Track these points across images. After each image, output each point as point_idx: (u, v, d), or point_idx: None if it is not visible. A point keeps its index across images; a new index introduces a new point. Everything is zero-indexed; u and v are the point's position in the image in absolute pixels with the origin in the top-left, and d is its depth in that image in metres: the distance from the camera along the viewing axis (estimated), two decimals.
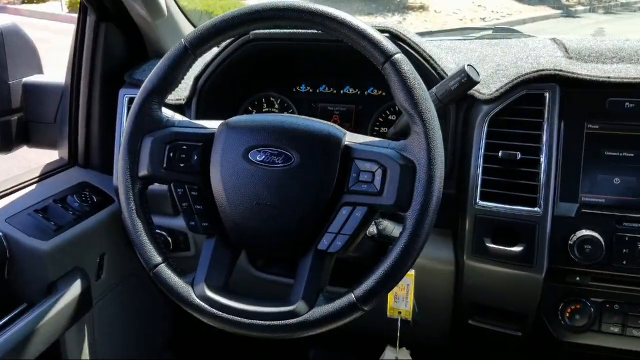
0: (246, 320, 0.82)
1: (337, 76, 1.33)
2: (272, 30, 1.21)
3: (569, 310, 1.04)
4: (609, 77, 1.02)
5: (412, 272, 1.07)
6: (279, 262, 1.28)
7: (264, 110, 1.37)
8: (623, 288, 1.03)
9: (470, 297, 1.14)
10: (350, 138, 0.85)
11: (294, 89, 1.36)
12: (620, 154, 1.01)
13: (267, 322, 0.81)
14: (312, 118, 0.88)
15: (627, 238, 0.98)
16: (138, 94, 0.88)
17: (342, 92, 1.34)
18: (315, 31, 0.85)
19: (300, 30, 1.19)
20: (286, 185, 0.82)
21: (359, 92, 1.33)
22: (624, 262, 0.98)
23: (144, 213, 0.88)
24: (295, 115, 1.12)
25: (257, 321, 0.82)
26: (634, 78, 1.01)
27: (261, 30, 1.20)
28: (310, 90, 1.36)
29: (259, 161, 0.84)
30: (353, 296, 0.79)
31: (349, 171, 0.82)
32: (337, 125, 0.86)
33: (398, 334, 1.11)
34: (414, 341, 1.19)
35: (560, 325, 1.06)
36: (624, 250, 0.98)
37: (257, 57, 1.26)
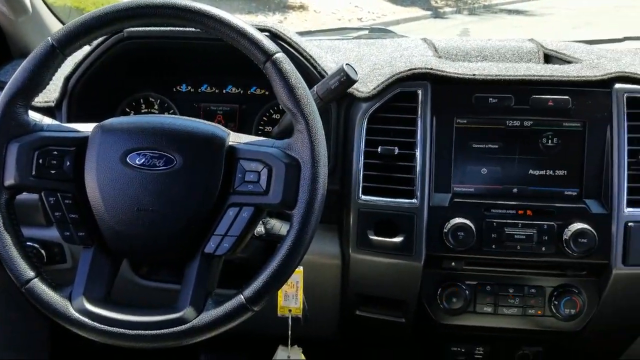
0: (131, 332, 0.79)
1: (220, 75, 1.31)
2: (148, 28, 1.16)
3: (446, 294, 1.11)
4: (474, 75, 1.10)
5: (300, 269, 1.09)
6: (164, 268, 1.24)
7: (142, 111, 1.32)
8: (493, 270, 1.11)
9: (357, 288, 1.18)
10: (235, 138, 0.84)
11: (174, 89, 1.32)
12: (486, 146, 1.10)
13: (154, 332, 0.79)
14: (194, 119, 0.86)
15: (495, 224, 1.07)
16: (0, 97, 0.81)
17: (224, 91, 1.32)
18: (195, 29, 0.83)
19: (178, 29, 1.16)
20: (169, 188, 0.80)
21: (242, 92, 1.32)
22: (493, 246, 1.07)
23: (12, 225, 0.82)
24: (176, 116, 1.09)
25: (143, 331, 0.79)
26: (497, 75, 1.09)
27: (136, 28, 1.15)
28: (192, 90, 1.33)
29: (139, 165, 0.81)
30: (242, 297, 0.79)
31: (234, 172, 0.81)
32: (220, 126, 0.85)
33: (289, 332, 1.12)
34: (306, 337, 1.21)
35: (440, 309, 1.13)
36: (492, 235, 1.06)
37: (133, 55, 1.21)
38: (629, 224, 1.03)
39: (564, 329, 1.13)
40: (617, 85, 1.07)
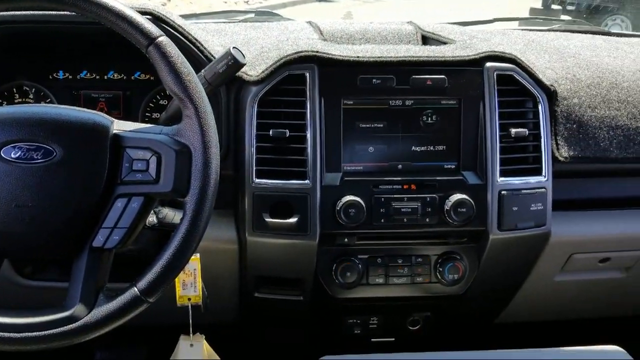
0: (17, 335, 0.75)
1: (100, 61, 1.25)
2: (15, 13, 1.08)
3: (341, 269, 1.15)
4: (358, 57, 1.13)
5: (197, 256, 1.08)
6: (51, 266, 1.18)
7: (16, 101, 1.23)
8: (383, 243, 1.17)
9: (255, 271, 1.19)
10: (119, 126, 0.81)
11: (50, 76, 1.24)
12: (372, 126, 1.14)
13: (43, 333, 0.75)
14: (74, 107, 0.82)
15: (383, 199, 1.12)
16: None
17: (106, 77, 1.27)
18: (69, 12, 0.79)
19: (50, 12, 1.09)
20: (49, 182, 0.76)
21: (125, 77, 1.27)
22: (382, 221, 1.12)
23: None
24: (54, 105, 1.03)
25: (31, 333, 0.75)
26: (379, 57, 1.14)
27: (4, 13, 1.07)
28: (70, 77, 1.25)
29: (14, 158, 0.76)
30: (136, 290, 0.77)
31: (120, 161, 0.79)
32: (103, 114, 0.82)
33: (190, 321, 1.11)
34: (208, 324, 1.20)
35: (335, 284, 1.17)
36: (381, 210, 1.12)
37: (2, 42, 1.12)
38: (502, 192, 1.13)
39: (449, 293, 1.22)
40: (488, 64, 1.15)
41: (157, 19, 1.12)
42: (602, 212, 1.25)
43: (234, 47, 1.00)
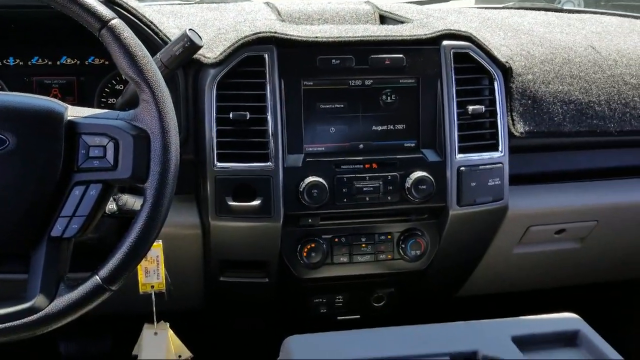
0: None
1: (52, 46, 1.22)
2: None
3: (305, 249, 1.16)
4: (317, 37, 1.13)
5: (159, 242, 1.07)
6: (9, 257, 1.15)
7: None
8: (347, 222, 1.18)
9: (219, 255, 1.19)
10: (74, 112, 0.79)
11: (0, 63, 1.20)
12: (333, 106, 1.14)
13: (3, 325, 0.74)
14: (26, 94, 0.80)
15: (345, 179, 1.13)
16: None
17: (59, 63, 1.23)
18: None
19: None
20: (2, 172, 0.74)
21: (78, 62, 1.24)
22: (345, 200, 1.13)
23: None
24: (5, 92, 1.00)
25: None
26: (338, 37, 1.14)
27: None
28: (21, 63, 1.21)
29: None
30: (98, 278, 0.76)
31: (76, 148, 0.77)
32: (56, 100, 0.80)
33: (154, 309, 1.11)
34: (173, 311, 1.20)
35: (300, 264, 1.18)
36: (343, 190, 1.12)
37: None
38: (461, 168, 1.15)
39: (412, 269, 1.24)
40: (445, 42, 1.16)
41: (109, 1, 1.08)
42: (557, 185, 1.29)
43: (190, 29, 0.98)
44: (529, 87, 1.20)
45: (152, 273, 1.08)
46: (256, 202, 1.10)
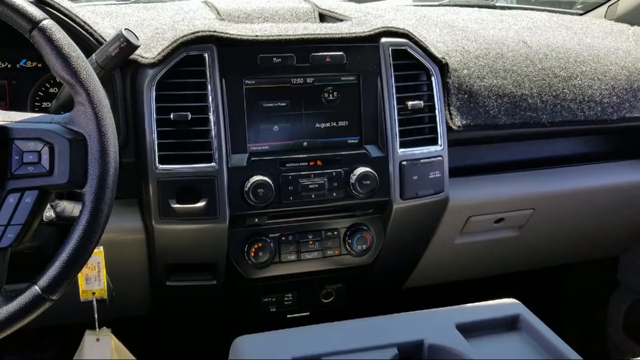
0: None
1: None
2: None
3: (253, 249, 1.15)
4: (257, 36, 1.13)
5: (100, 249, 1.04)
6: None
7: None
8: (294, 220, 1.18)
9: (164, 259, 1.17)
10: (5, 117, 0.76)
11: None
12: (276, 105, 1.14)
13: None
14: None
15: (290, 177, 1.13)
16: None
17: None
18: None
19: None
20: None
21: (10, 66, 1.18)
22: (291, 198, 1.13)
23: None
24: None
25: None
26: (278, 35, 1.14)
27: None
28: None
29: None
30: (37, 288, 0.74)
31: (9, 154, 0.74)
32: None
33: (95, 315, 1.08)
34: (119, 318, 1.17)
35: (248, 265, 1.17)
36: (289, 188, 1.13)
37: None
38: (403, 162, 1.17)
39: (359, 264, 1.26)
40: (383, 40, 1.18)
41: (40, 2, 1.05)
42: (495, 176, 1.34)
43: (126, 29, 0.96)
44: (464, 82, 1.24)
45: (93, 280, 1.05)
46: (201, 204, 1.08)
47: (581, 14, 1.76)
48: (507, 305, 0.80)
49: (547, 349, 0.74)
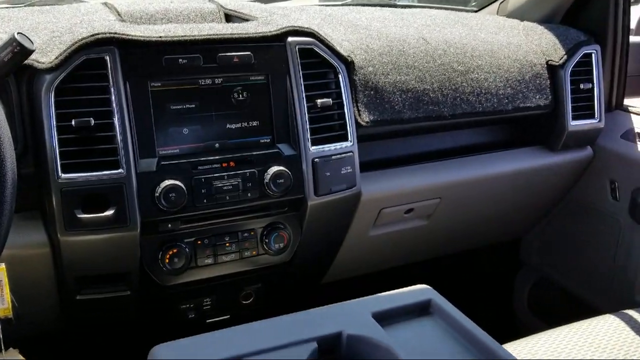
0: None
1: None
2: None
3: (167, 256, 1.13)
4: (160, 37, 1.10)
5: (2, 266, 0.98)
6: None
7: None
8: (209, 223, 1.17)
9: (73, 272, 1.12)
10: None
11: None
12: (184, 107, 1.12)
13: None
14: None
15: (203, 180, 1.11)
16: None
17: None
18: None
19: None
20: None
21: None
22: (205, 201, 1.12)
23: None
24: None
25: None
26: (183, 36, 1.12)
27: None
28: None
29: None
30: None
31: None
32: None
33: (0, 336, 1.01)
34: (23, 336, 1.10)
35: (163, 272, 1.14)
36: (202, 191, 1.11)
37: None
38: (315, 160, 1.19)
39: (277, 262, 1.26)
40: (290, 39, 1.19)
41: None
42: (403, 169, 1.39)
43: (19, 33, 0.91)
44: (370, 79, 1.27)
45: None
46: (109, 212, 1.05)
47: (475, 11, 1.86)
48: (419, 291, 0.83)
49: (459, 330, 0.77)
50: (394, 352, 0.69)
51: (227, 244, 1.19)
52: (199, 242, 1.17)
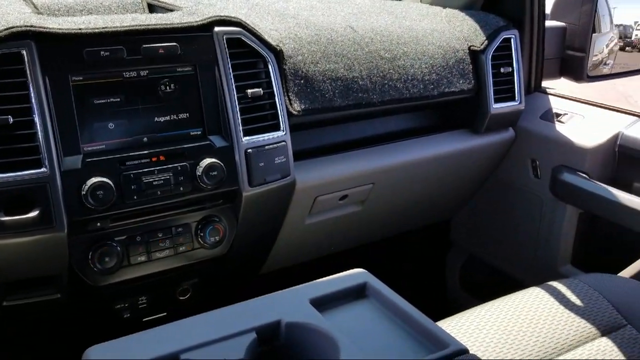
0: None
1: None
2: None
3: (98, 255, 1.10)
4: (80, 29, 1.06)
5: None
6: None
7: None
8: (140, 220, 1.14)
9: None
10: None
11: None
12: (109, 101, 1.09)
13: None
14: None
15: (132, 175, 1.08)
16: None
17: None
18: None
19: None
20: None
21: None
22: (135, 198, 1.09)
23: None
24: None
25: None
26: (104, 28, 1.07)
27: None
28: None
29: None
30: None
31: None
32: None
33: None
34: None
35: (94, 272, 1.11)
36: (132, 187, 1.08)
37: None
38: (248, 150, 1.18)
39: (213, 256, 1.25)
40: (217, 29, 1.17)
41: None
42: (337, 156, 1.41)
43: None
44: (300, 68, 1.27)
45: None
46: (33, 214, 1.00)
47: None
48: (355, 275, 0.85)
49: (394, 310, 0.80)
50: (332, 336, 0.70)
51: (161, 240, 1.17)
52: (131, 239, 1.14)
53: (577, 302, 1.16)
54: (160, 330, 0.69)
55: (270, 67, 1.22)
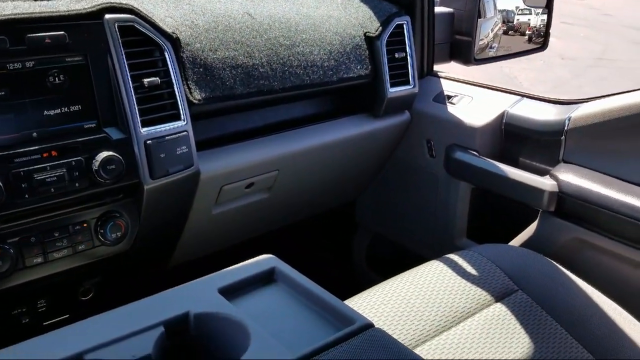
0: None
1: None
2: None
3: None
4: None
5: None
6: None
7: None
8: (33, 220, 1.08)
9: None
10: None
11: None
12: None
13: None
14: None
15: (22, 173, 1.02)
16: None
17: None
18: None
19: None
20: None
21: None
22: (26, 197, 1.03)
23: None
24: None
25: None
26: None
27: None
28: None
29: None
30: None
31: None
32: None
33: None
34: None
35: None
36: (22, 186, 1.02)
37: None
38: (148, 142, 1.15)
39: (116, 252, 1.21)
40: (107, 16, 1.12)
41: None
42: (241, 144, 1.40)
43: None
44: (198, 56, 1.25)
45: None
46: None
47: None
48: (263, 261, 0.85)
49: (302, 293, 0.81)
50: (241, 323, 0.71)
51: (58, 240, 1.11)
52: (25, 240, 1.08)
53: (473, 272, 1.24)
54: (61, 332, 0.66)
55: (166, 55, 1.19)
